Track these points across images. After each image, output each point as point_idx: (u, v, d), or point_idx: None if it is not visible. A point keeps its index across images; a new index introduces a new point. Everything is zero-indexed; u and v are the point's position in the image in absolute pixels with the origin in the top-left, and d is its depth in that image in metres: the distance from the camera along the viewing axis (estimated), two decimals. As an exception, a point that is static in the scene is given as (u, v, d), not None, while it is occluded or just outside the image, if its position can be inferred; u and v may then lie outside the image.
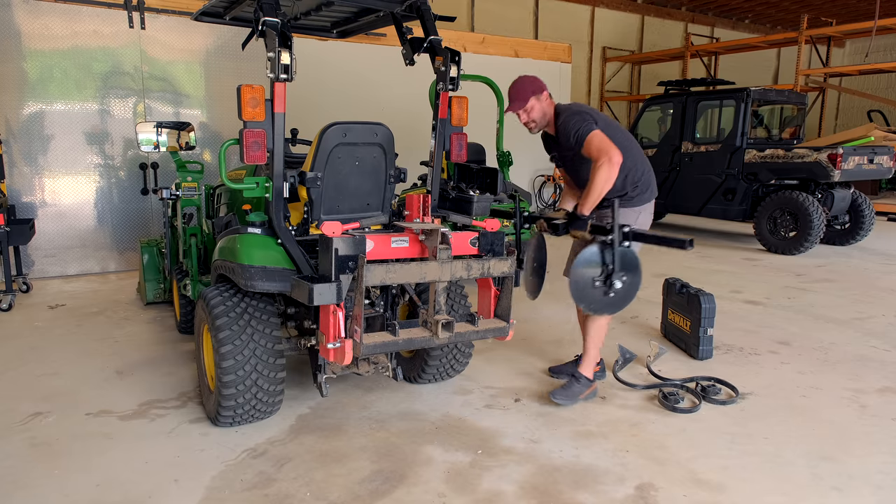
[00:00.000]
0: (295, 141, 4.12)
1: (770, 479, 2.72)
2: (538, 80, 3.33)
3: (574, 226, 3.21)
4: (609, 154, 3.05)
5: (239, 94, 2.72)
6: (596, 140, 3.10)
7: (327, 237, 2.66)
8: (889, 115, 13.45)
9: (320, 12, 3.66)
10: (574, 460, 2.86)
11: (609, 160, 3.04)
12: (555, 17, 13.80)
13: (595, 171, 3.07)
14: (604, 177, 3.05)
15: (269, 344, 2.94)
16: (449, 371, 3.64)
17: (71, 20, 6.47)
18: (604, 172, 3.05)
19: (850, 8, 15.61)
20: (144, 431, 3.14)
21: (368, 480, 2.70)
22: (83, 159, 6.74)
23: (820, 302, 5.67)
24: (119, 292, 6.04)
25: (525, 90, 3.29)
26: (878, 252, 8.24)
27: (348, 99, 8.35)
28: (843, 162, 7.64)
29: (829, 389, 3.68)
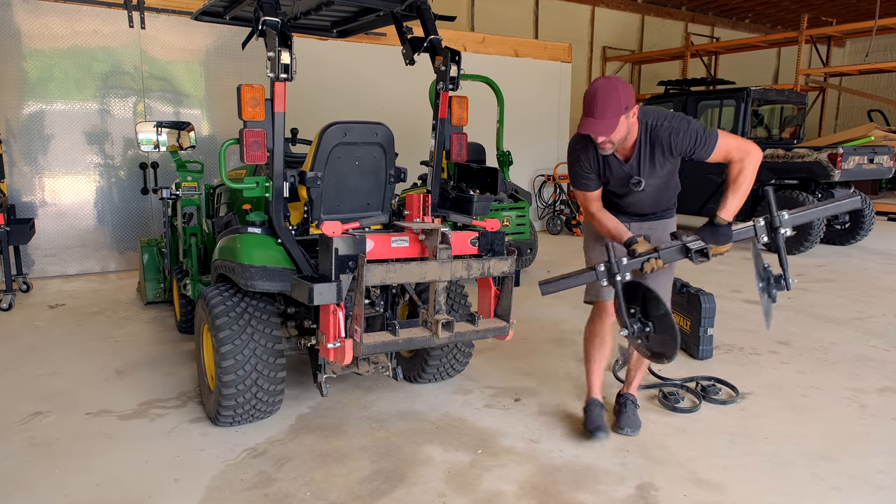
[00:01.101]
0: (295, 140, 4.12)
1: (770, 479, 2.72)
2: (628, 87, 2.60)
3: (716, 237, 2.67)
4: (753, 149, 2.64)
5: (239, 93, 2.72)
6: (728, 138, 2.66)
7: (327, 237, 2.65)
8: (889, 115, 13.43)
9: (320, 12, 3.66)
10: (574, 460, 2.86)
11: (757, 155, 2.64)
12: (555, 17, 13.79)
13: (744, 169, 2.63)
14: (753, 174, 2.65)
15: (269, 344, 2.94)
16: (449, 371, 3.64)
17: (71, 20, 6.47)
18: (754, 169, 2.65)
19: (851, 8, 15.60)
20: (144, 431, 3.14)
21: (368, 480, 2.70)
22: (83, 159, 6.74)
23: (820, 302, 5.67)
24: (119, 292, 6.04)
25: (617, 104, 2.55)
26: (879, 252, 8.24)
27: (348, 98, 8.35)
28: (843, 162, 7.64)
29: (830, 389, 3.68)
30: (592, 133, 2.61)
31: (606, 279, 2.67)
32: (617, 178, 2.85)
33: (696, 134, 2.63)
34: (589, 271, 2.72)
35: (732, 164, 2.64)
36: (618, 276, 2.64)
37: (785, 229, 2.67)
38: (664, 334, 2.63)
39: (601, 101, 2.53)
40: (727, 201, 2.66)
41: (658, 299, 2.61)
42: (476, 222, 3.25)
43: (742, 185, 2.64)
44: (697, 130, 2.64)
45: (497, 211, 6.24)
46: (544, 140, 10.48)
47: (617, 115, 2.55)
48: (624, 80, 2.61)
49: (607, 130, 2.57)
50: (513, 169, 7.26)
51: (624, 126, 2.61)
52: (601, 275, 2.67)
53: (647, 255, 2.67)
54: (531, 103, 10.09)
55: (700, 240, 2.66)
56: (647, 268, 2.67)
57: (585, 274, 2.76)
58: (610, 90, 2.54)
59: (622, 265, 2.64)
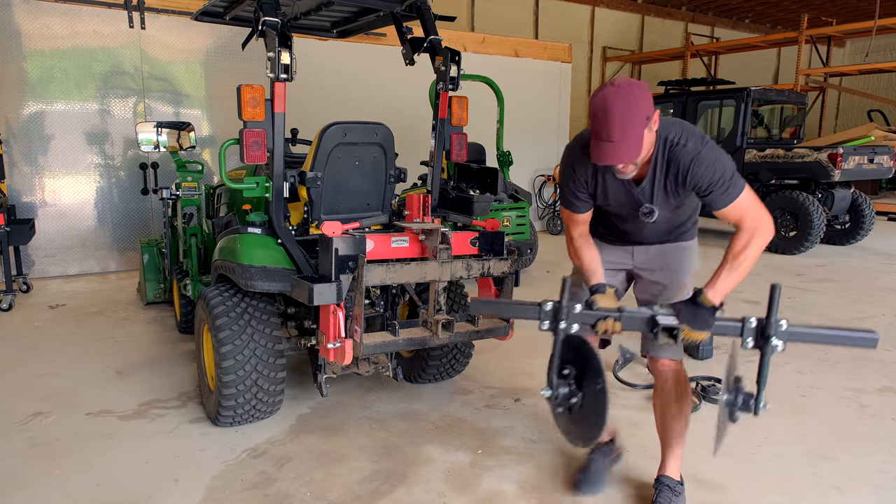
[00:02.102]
0: (295, 141, 4.12)
1: (770, 479, 2.72)
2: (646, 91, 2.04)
3: (694, 321, 2.15)
4: (768, 223, 2.14)
5: (239, 93, 2.72)
6: (751, 198, 2.14)
7: (327, 237, 2.66)
8: (889, 115, 13.43)
9: (320, 12, 3.66)
10: (574, 460, 2.86)
11: (770, 231, 2.14)
12: (555, 17, 13.79)
13: (750, 244, 2.12)
14: (758, 254, 2.17)
15: (269, 344, 2.94)
16: (449, 371, 3.64)
17: (71, 20, 6.47)
18: (760, 248, 2.15)
19: (851, 8, 15.59)
20: (144, 431, 3.14)
21: (368, 480, 2.70)
22: (83, 159, 6.74)
23: (820, 302, 5.67)
24: (119, 292, 6.04)
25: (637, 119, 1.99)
26: (879, 252, 8.24)
27: (348, 99, 8.35)
28: (843, 162, 7.65)
29: (829, 389, 3.68)
30: (613, 163, 2.06)
31: (549, 323, 2.18)
32: (621, 203, 2.33)
33: (722, 173, 2.10)
34: (532, 306, 2.24)
35: (739, 234, 2.13)
36: (562, 324, 2.16)
37: (778, 342, 2.14)
38: (590, 415, 2.15)
39: (618, 117, 1.97)
40: (719, 279, 2.16)
41: (600, 372, 2.11)
42: (476, 222, 3.25)
43: (743, 263, 2.14)
44: (725, 170, 2.10)
45: (497, 211, 6.24)
46: (544, 140, 10.47)
47: (640, 133, 2.00)
48: (638, 82, 2.03)
49: (631, 155, 2.03)
50: (513, 169, 7.26)
51: (648, 141, 2.08)
52: (545, 315, 2.18)
53: (607, 312, 2.18)
54: (531, 103, 10.08)
55: (674, 316, 2.15)
56: (602, 327, 2.18)
57: (527, 308, 2.27)
58: (627, 101, 1.97)
59: (572, 313, 2.16)
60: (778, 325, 2.10)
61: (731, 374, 2.18)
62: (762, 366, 2.13)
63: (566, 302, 2.14)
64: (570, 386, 2.20)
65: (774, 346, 2.12)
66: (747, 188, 2.14)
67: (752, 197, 2.14)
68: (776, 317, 2.07)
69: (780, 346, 2.12)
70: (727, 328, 2.17)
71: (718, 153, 2.13)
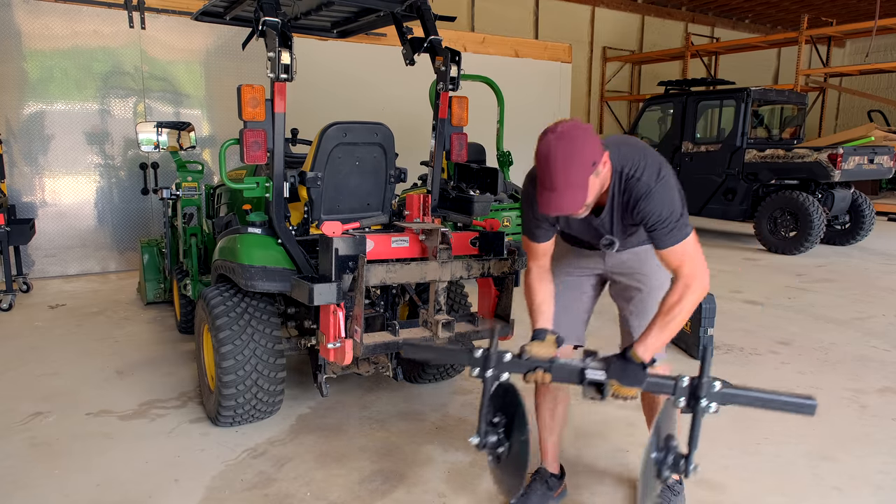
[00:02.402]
0: (295, 141, 4.12)
1: (770, 479, 2.72)
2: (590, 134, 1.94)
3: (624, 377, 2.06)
4: (705, 278, 2.06)
5: (239, 93, 2.72)
6: (694, 248, 2.05)
7: (327, 237, 2.65)
8: (889, 116, 13.44)
9: (320, 12, 3.66)
10: (574, 461, 2.86)
11: (704, 287, 2.06)
12: (555, 17, 13.79)
13: (683, 299, 2.03)
14: (690, 312, 2.08)
15: (269, 344, 2.94)
16: (449, 371, 3.64)
17: (71, 20, 6.47)
18: (693, 305, 2.06)
19: (851, 8, 15.60)
20: (144, 431, 3.14)
21: (368, 480, 2.70)
22: (83, 159, 6.74)
23: (820, 302, 5.67)
24: (119, 292, 6.04)
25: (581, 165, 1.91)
26: (879, 252, 8.24)
27: (348, 99, 8.35)
28: (843, 162, 7.65)
29: (830, 389, 3.68)
30: (557, 213, 1.98)
31: (478, 370, 2.12)
32: (582, 231, 2.31)
33: (670, 214, 2.01)
34: (463, 353, 2.19)
35: (674, 286, 2.07)
36: (489, 373, 2.11)
37: (710, 403, 1.99)
38: (513, 467, 2.14)
39: (561, 167, 1.88)
40: (650, 335, 2.07)
41: (525, 422, 2.10)
42: (476, 222, 3.25)
43: (675, 318, 2.05)
44: (674, 211, 2.02)
45: (497, 211, 6.24)
46: (544, 140, 10.46)
47: (584, 181, 1.91)
48: (582, 124, 1.94)
49: (576, 204, 1.95)
50: (513, 169, 7.26)
51: (596, 185, 1.99)
52: (474, 363, 2.13)
53: (537, 363, 2.11)
54: (531, 104, 10.08)
55: (604, 371, 2.07)
56: (531, 378, 2.11)
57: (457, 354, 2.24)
58: (569, 150, 1.88)
59: (502, 362, 2.11)
60: (710, 385, 1.97)
61: (664, 431, 2.11)
62: (693, 427, 2.01)
63: (495, 351, 2.11)
64: (498, 434, 2.18)
65: (706, 407, 1.99)
66: (693, 236, 2.06)
67: (695, 246, 2.06)
68: (708, 377, 1.96)
69: (713, 408, 1.99)
70: (660, 386, 2.07)
71: (671, 193, 2.04)
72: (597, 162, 1.92)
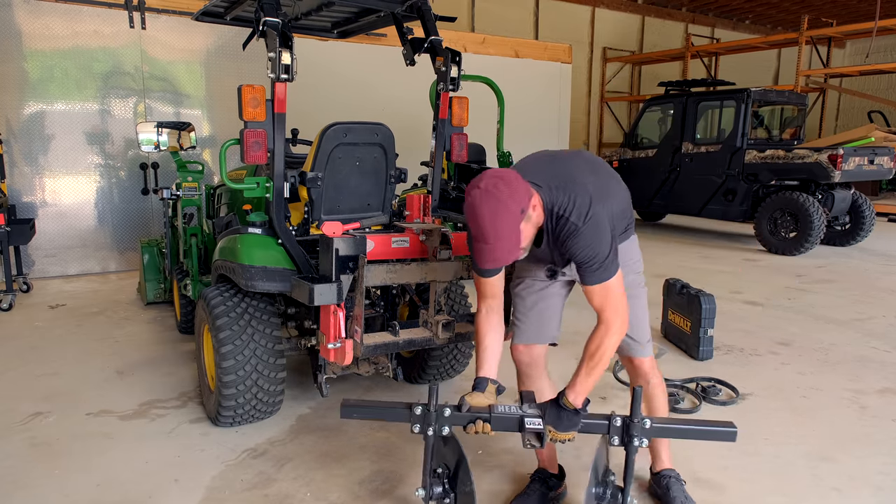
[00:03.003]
0: (295, 141, 4.12)
1: (770, 480, 2.72)
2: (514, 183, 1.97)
3: (558, 423, 2.13)
4: (624, 319, 2.13)
5: (240, 94, 2.72)
6: (617, 291, 2.10)
7: (328, 237, 2.66)
8: (889, 116, 13.44)
9: (321, 12, 3.66)
10: (574, 461, 2.86)
11: (623, 324, 2.13)
12: (555, 18, 13.80)
13: (604, 343, 2.10)
14: (611, 353, 2.14)
15: (269, 344, 2.94)
16: (449, 371, 3.64)
17: (71, 20, 6.47)
18: (612, 348, 2.13)
19: (851, 9, 15.60)
20: (144, 431, 3.14)
21: (369, 481, 2.70)
22: (84, 159, 6.75)
23: (820, 302, 5.67)
24: (119, 292, 6.04)
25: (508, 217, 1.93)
26: (879, 253, 8.24)
27: (349, 99, 8.35)
28: (843, 163, 7.65)
29: (830, 390, 3.68)
30: (495, 265, 2.08)
31: (419, 427, 2.16)
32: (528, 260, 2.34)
33: (595, 255, 2.04)
34: (402, 410, 2.21)
35: (596, 330, 2.12)
36: (430, 431, 2.16)
37: (641, 440, 2.14)
38: None
39: (489, 222, 1.92)
40: (578, 380, 2.12)
41: (469, 473, 2.14)
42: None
43: (599, 362, 2.10)
44: (600, 253, 2.04)
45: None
46: (544, 141, 10.47)
47: (514, 230, 1.94)
48: (506, 173, 1.98)
49: (510, 255, 1.99)
50: (513, 169, 7.25)
51: (529, 229, 2.04)
52: (414, 419, 2.17)
53: (477, 414, 2.15)
54: (531, 104, 10.08)
55: (540, 418, 2.13)
56: (471, 430, 2.14)
57: (397, 411, 2.24)
58: (494, 205, 1.91)
59: (442, 417, 2.16)
60: (641, 424, 2.15)
61: (601, 465, 2.21)
62: (627, 463, 2.16)
63: (434, 407, 2.15)
64: (443, 485, 2.23)
65: (637, 445, 2.16)
66: (618, 277, 2.08)
67: (618, 288, 2.09)
68: (639, 417, 2.14)
69: (644, 443, 2.17)
70: (594, 426, 2.19)
71: (598, 234, 2.05)
72: (525, 209, 1.96)
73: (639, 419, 2.15)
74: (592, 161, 2.34)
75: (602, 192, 2.13)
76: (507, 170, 2.05)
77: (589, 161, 2.32)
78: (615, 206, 2.17)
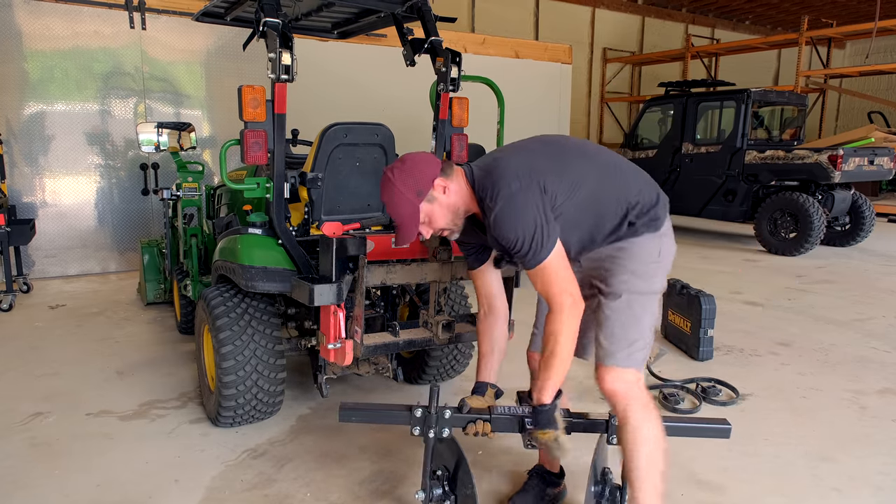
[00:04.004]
0: (296, 141, 4.12)
1: (770, 480, 2.72)
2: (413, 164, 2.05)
3: (537, 422, 2.09)
4: (574, 293, 1.96)
5: (240, 94, 2.72)
6: (553, 273, 1.94)
7: (328, 238, 2.66)
8: (889, 117, 13.45)
9: (321, 13, 3.66)
10: (573, 461, 2.86)
11: (576, 302, 1.96)
12: (555, 18, 13.80)
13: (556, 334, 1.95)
14: (568, 344, 1.97)
15: (269, 344, 2.95)
16: (449, 371, 3.64)
17: (72, 21, 6.47)
18: (568, 337, 1.96)
19: (851, 9, 15.61)
20: (145, 432, 3.14)
21: (369, 481, 2.70)
22: (84, 160, 6.75)
23: (820, 303, 5.67)
24: (119, 292, 6.04)
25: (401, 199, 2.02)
26: (879, 253, 8.24)
27: (349, 100, 8.35)
28: (843, 163, 7.65)
29: (830, 390, 3.68)
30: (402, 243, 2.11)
31: (419, 429, 2.15)
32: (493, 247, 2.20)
33: (518, 237, 1.91)
34: (402, 412, 2.21)
35: (547, 320, 1.99)
36: (431, 433, 2.14)
37: None
38: None
39: (388, 205, 2.05)
40: (540, 379, 2.05)
41: (469, 475, 2.12)
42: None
43: (555, 350, 1.96)
44: (523, 235, 1.90)
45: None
46: (544, 141, 10.47)
47: (410, 213, 2.01)
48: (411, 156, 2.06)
49: (410, 235, 2.05)
50: (513, 170, 7.25)
51: (439, 210, 2.05)
52: (415, 421, 2.16)
53: (477, 415, 2.14)
54: (532, 105, 10.08)
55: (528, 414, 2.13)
56: (471, 430, 2.13)
57: (396, 413, 2.24)
58: (389, 189, 2.02)
59: (442, 419, 2.15)
60: None
61: (599, 465, 2.22)
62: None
63: (435, 409, 2.15)
64: (443, 487, 2.22)
65: None
66: (552, 257, 1.92)
67: (559, 269, 1.94)
68: None
69: None
70: (593, 425, 2.20)
71: (516, 214, 1.91)
72: (423, 191, 2.01)
73: None
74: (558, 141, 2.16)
75: (534, 167, 1.98)
76: (417, 153, 2.09)
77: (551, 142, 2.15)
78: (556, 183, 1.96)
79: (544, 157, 2.04)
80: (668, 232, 2.12)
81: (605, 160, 2.12)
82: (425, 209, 2.04)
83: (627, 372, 2.04)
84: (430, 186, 2.02)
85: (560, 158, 2.05)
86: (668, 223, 2.13)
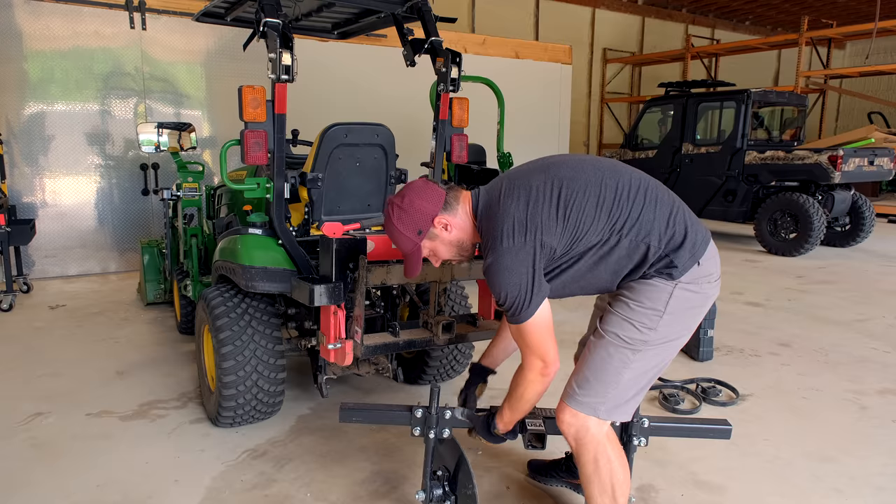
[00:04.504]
0: (296, 142, 4.12)
1: (770, 481, 2.72)
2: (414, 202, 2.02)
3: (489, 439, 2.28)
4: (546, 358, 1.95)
5: (240, 94, 2.72)
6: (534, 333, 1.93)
7: (328, 238, 2.66)
8: (889, 117, 13.46)
9: (321, 13, 3.67)
10: (574, 461, 2.86)
11: (545, 368, 1.96)
12: (555, 19, 13.80)
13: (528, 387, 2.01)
14: (532, 395, 2.04)
15: (269, 345, 2.95)
16: (449, 372, 3.64)
17: (72, 21, 6.47)
18: (533, 389, 2.01)
19: (851, 10, 15.62)
20: (145, 432, 3.14)
21: (369, 481, 2.70)
22: (84, 160, 6.75)
23: (820, 303, 5.67)
24: (119, 293, 6.04)
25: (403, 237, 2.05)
26: (879, 254, 8.24)
27: (349, 100, 8.35)
28: (843, 164, 7.65)
29: (830, 391, 3.68)
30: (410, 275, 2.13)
31: (420, 429, 2.18)
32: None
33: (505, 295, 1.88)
34: (403, 413, 2.22)
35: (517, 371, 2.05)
36: (431, 433, 2.16)
37: (640, 439, 2.18)
38: None
39: (393, 241, 2.09)
40: (504, 411, 2.16)
41: (470, 475, 2.09)
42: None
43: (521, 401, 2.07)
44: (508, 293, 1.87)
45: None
46: (545, 142, 10.48)
47: (415, 247, 2.05)
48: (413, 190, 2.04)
49: (414, 268, 2.09)
50: (513, 170, 7.25)
51: (440, 244, 2.08)
52: (415, 422, 2.19)
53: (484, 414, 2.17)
54: (532, 105, 10.09)
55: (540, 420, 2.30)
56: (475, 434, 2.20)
57: (397, 414, 2.25)
58: (391, 229, 2.06)
59: (443, 419, 2.16)
60: (640, 423, 2.22)
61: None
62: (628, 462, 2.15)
63: (436, 409, 2.15)
64: (444, 488, 2.23)
65: (636, 445, 2.25)
66: (535, 319, 1.88)
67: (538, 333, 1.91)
68: (639, 417, 2.23)
69: (643, 442, 2.26)
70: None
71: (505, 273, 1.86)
72: (423, 230, 2.03)
73: (638, 419, 2.20)
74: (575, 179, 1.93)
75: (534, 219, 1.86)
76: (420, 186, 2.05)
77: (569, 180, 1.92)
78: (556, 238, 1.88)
79: (550, 205, 1.88)
80: (692, 281, 1.92)
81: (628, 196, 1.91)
82: (427, 245, 2.08)
83: (587, 419, 1.97)
84: (430, 225, 2.03)
85: (569, 206, 1.88)
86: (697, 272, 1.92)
